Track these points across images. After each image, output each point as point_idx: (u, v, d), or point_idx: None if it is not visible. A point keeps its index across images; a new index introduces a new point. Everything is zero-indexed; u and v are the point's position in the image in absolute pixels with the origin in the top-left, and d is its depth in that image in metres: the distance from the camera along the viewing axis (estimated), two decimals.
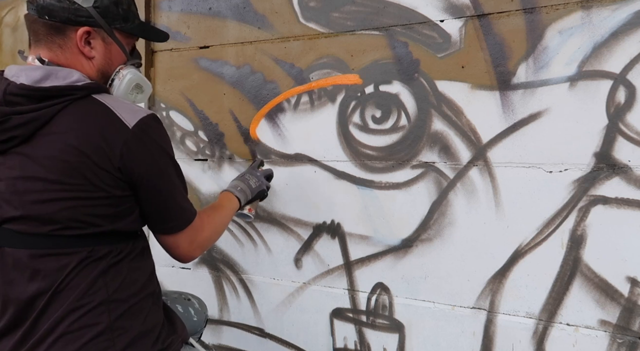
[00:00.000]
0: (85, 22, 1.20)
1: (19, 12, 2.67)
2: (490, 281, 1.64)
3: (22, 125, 1.11)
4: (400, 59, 1.73)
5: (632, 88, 1.44)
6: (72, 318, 1.12)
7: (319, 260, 1.92)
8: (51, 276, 1.13)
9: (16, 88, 1.13)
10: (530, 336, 1.60)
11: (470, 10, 1.62)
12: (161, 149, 1.20)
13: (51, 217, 1.12)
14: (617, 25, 1.44)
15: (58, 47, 1.20)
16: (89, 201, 1.13)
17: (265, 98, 1.98)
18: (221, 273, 2.14)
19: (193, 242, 1.31)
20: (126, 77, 1.29)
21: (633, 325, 1.47)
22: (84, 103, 1.15)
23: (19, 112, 1.11)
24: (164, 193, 1.23)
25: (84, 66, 1.23)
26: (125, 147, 1.13)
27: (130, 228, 1.22)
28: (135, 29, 1.30)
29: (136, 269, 1.22)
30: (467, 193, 1.66)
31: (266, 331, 2.06)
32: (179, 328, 1.33)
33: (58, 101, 1.13)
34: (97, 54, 1.24)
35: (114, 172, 1.14)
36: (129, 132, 1.14)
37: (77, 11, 1.19)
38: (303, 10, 1.89)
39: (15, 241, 1.14)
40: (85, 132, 1.12)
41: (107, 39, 1.25)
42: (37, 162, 1.12)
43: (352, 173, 1.83)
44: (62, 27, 1.19)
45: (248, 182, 1.68)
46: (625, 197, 1.46)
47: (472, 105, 1.64)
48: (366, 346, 1.86)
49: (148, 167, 1.18)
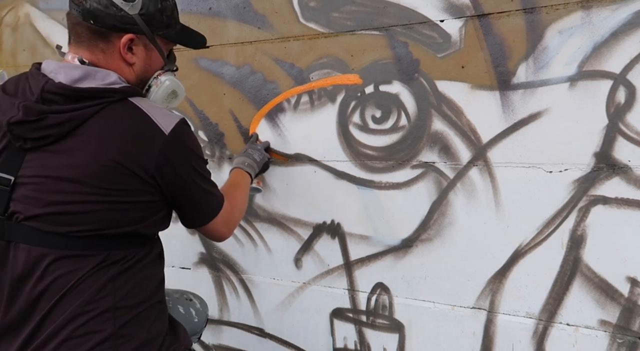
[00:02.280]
0: (130, 29, 1.20)
1: (19, 12, 2.67)
2: (490, 281, 1.64)
3: (57, 125, 1.11)
4: (400, 59, 1.73)
5: (632, 89, 1.44)
6: (77, 322, 1.12)
7: (319, 260, 1.93)
8: (62, 278, 1.13)
9: (54, 87, 1.13)
10: (530, 336, 1.60)
11: (470, 10, 1.62)
12: (194, 153, 1.23)
13: (75, 218, 1.12)
14: (617, 25, 1.44)
15: (100, 51, 1.21)
16: (116, 205, 1.13)
17: (265, 98, 1.98)
18: (221, 273, 2.14)
19: (228, 223, 1.38)
20: (164, 84, 1.30)
21: (633, 325, 1.47)
22: (119, 107, 1.15)
23: (55, 111, 1.11)
24: (198, 192, 1.26)
25: (123, 71, 1.23)
26: (160, 154, 1.14)
27: (150, 231, 1.22)
28: (176, 35, 1.32)
29: (147, 277, 1.22)
30: (467, 193, 1.66)
31: (266, 331, 2.06)
32: (182, 335, 1.32)
33: (95, 103, 1.13)
34: (137, 60, 1.25)
35: (147, 178, 1.14)
36: (164, 138, 1.14)
37: (123, 18, 1.19)
38: (303, 10, 1.89)
39: (33, 238, 1.13)
40: (120, 137, 1.12)
41: (148, 46, 1.26)
42: (68, 163, 1.11)
43: (352, 173, 1.83)
44: (107, 32, 1.19)
45: (253, 156, 1.73)
46: (625, 197, 1.46)
47: (472, 105, 1.64)
48: (366, 346, 1.86)
49: (183, 173, 1.19)
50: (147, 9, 1.22)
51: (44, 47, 2.58)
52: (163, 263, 1.32)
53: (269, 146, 1.90)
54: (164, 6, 1.25)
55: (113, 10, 1.18)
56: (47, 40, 2.57)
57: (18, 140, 1.13)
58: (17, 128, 1.11)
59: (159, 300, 1.26)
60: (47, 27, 2.56)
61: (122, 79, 1.21)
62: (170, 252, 1.95)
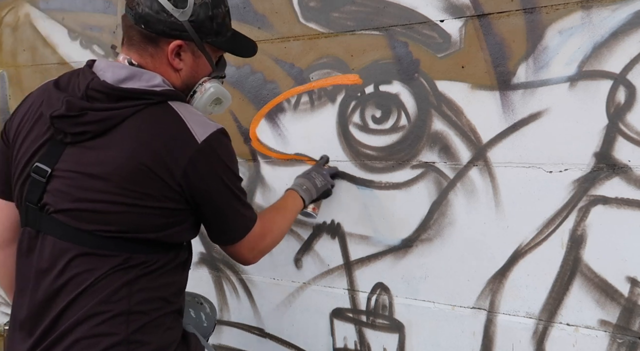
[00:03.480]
0: (179, 35, 1.21)
1: (19, 12, 2.67)
2: (490, 281, 1.64)
3: (95, 122, 1.12)
4: (400, 59, 1.73)
5: (632, 89, 1.44)
6: (91, 323, 1.12)
7: (319, 260, 1.92)
8: (81, 275, 1.13)
9: (99, 84, 1.15)
10: (530, 336, 1.60)
11: (470, 10, 1.62)
12: (225, 166, 1.20)
13: (100, 217, 1.12)
14: (617, 25, 1.44)
15: (149, 55, 1.22)
16: (141, 209, 1.13)
17: (265, 98, 1.98)
18: (221, 273, 2.14)
19: (253, 249, 1.33)
20: (208, 91, 1.30)
21: (633, 325, 1.47)
22: (157, 110, 1.16)
23: (95, 108, 1.13)
24: (225, 208, 1.23)
25: (170, 76, 1.24)
26: (190, 163, 1.13)
27: (174, 239, 1.21)
28: (225, 43, 1.31)
29: (166, 284, 1.21)
30: (467, 193, 1.66)
31: (266, 331, 2.06)
32: (192, 345, 1.31)
33: (134, 103, 1.14)
34: (184, 67, 1.25)
35: (174, 185, 1.14)
36: (196, 146, 1.14)
37: (173, 24, 1.19)
38: (303, 10, 1.89)
39: (60, 232, 1.14)
40: (152, 141, 1.12)
41: (196, 53, 1.26)
42: (99, 160, 1.12)
43: (352, 173, 1.83)
44: (156, 38, 1.20)
45: (314, 181, 1.66)
46: (625, 197, 1.46)
47: (472, 105, 1.64)
48: (366, 346, 1.86)
49: (211, 184, 1.18)
50: (198, 16, 1.21)
51: (44, 47, 2.58)
52: (187, 271, 1.30)
53: (337, 172, 1.80)
54: (214, 14, 1.24)
55: (163, 16, 1.18)
56: (47, 40, 2.57)
57: (59, 133, 1.15)
58: (59, 122, 1.13)
59: (175, 308, 1.25)
60: (47, 27, 2.57)
61: (167, 82, 1.22)
62: None
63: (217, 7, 1.25)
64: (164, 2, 1.18)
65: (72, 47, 2.49)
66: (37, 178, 1.16)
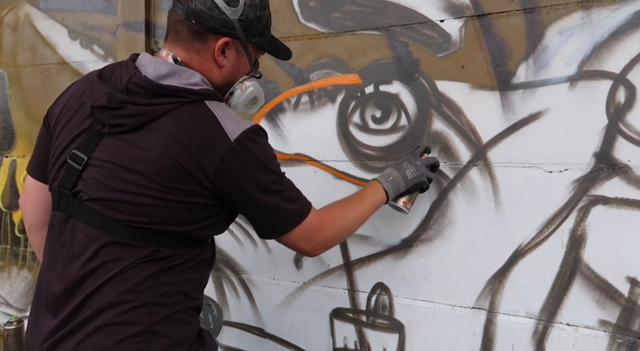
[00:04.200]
0: (228, 33, 1.24)
1: (19, 12, 2.67)
2: (490, 281, 1.64)
3: (133, 116, 1.15)
4: (400, 59, 1.73)
5: (632, 89, 1.44)
6: (115, 311, 1.13)
7: (319, 260, 1.92)
8: (109, 264, 1.15)
9: (140, 79, 1.17)
10: (530, 336, 1.60)
11: (470, 10, 1.62)
12: (259, 162, 1.20)
13: (132, 208, 1.14)
14: (617, 25, 1.44)
15: (195, 51, 1.25)
16: (172, 203, 1.15)
17: (265, 98, 1.98)
18: (221, 273, 2.14)
19: (311, 241, 1.32)
20: (248, 89, 1.33)
21: (633, 325, 1.47)
22: (193, 108, 1.18)
23: (135, 102, 1.15)
24: (262, 204, 1.22)
25: (212, 73, 1.27)
26: (222, 161, 1.15)
27: (201, 234, 1.23)
28: (267, 44, 1.35)
29: (189, 280, 1.23)
30: (467, 193, 1.66)
31: (266, 331, 2.06)
32: (208, 341, 1.32)
33: (172, 100, 1.16)
34: (227, 64, 1.28)
35: (206, 182, 1.15)
36: (229, 144, 1.15)
37: (224, 22, 1.23)
38: (303, 10, 1.89)
39: (91, 219, 1.16)
40: (186, 138, 1.14)
41: (240, 51, 1.29)
42: (135, 154, 1.14)
43: (352, 173, 1.83)
44: (205, 34, 1.24)
45: (404, 171, 1.53)
46: (625, 197, 1.46)
47: (472, 105, 1.64)
48: (366, 346, 1.86)
49: (244, 182, 1.18)
50: (247, 15, 1.25)
51: (44, 47, 2.58)
52: (210, 269, 1.32)
53: (437, 163, 1.62)
54: (261, 15, 1.29)
55: (216, 12, 1.22)
56: (47, 40, 2.57)
57: (98, 123, 1.17)
58: (99, 112, 1.16)
59: (195, 304, 1.26)
60: (47, 27, 2.56)
61: (206, 81, 1.24)
62: None
63: (264, 9, 1.30)
64: None
65: (72, 47, 2.48)
66: (73, 165, 1.19)
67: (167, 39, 1.28)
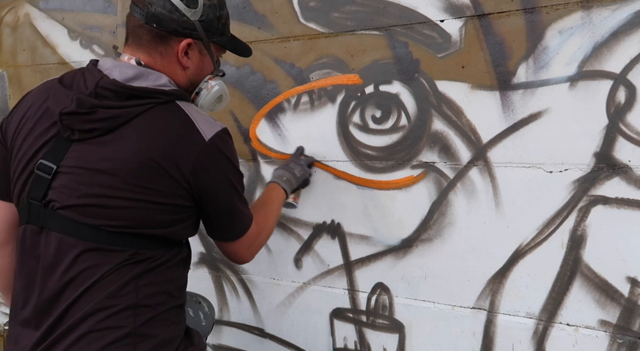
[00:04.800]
0: (189, 34, 1.25)
1: (19, 12, 2.67)
2: (490, 281, 1.64)
3: (105, 119, 1.14)
4: (400, 59, 1.73)
5: (632, 89, 1.44)
6: (98, 317, 1.13)
7: (319, 260, 1.92)
8: (89, 270, 1.14)
9: (108, 83, 1.16)
10: (530, 336, 1.60)
11: (470, 10, 1.62)
12: (231, 164, 1.23)
13: (108, 212, 1.14)
14: (618, 25, 1.44)
15: (159, 54, 1.25)
16: (148, 204, 1.15)
17: (265, 98, 1.98)
18: (221, 273, 2.14)
19: (250, 246, 1.37)
20: (214, 88, 1.35)
21: (633, 325, 1.47)
22: (166, 109, 1.18)
23: (106, 106, 1.15)
24: (229, 206, 1.26)
25: (177, 74, 1.28)
26: (198, 160, 1.16)
27: (179, 236, 1.23)
28: (228, 42, 1.37)
29: (170, 279, 1.23)
30: (467, 193, 1.66)
31: (266, 331, 2.06)
32: (196, 339, 1.33)
33: (143, 102, 1.16)
34: (191, 65, 1.29)
35: (182, 182, 1.16)
36: (204, 143, 1.16)
37: (185, 23, 1.24)
38: (303, 10, 1.89)
39: (66, 228, 1.15)
40: (161, 138, 1.15)
41: (203, 51, 1.30)
42: (108, 156, 1.14)
43: (352, 173, 1.83)
44: (167, 36, 1.24)
45: (293, 171, 1.71)
46: (625, 197, 1.46)
47: (472, 105, 1.64)
48: (366, 346, 1.86)
49: (217, 182, 1.20)
50: (207, 16, 1.26)
51: (43, 47, 2.58)
52: (188, 268, 1.32)
53: (314, 162, 1.86)
54: (221, 14, 1.30)
55: (176, 15, 1.22)
56: (46, 40, 2.57)
57: (67, 130, 1.15)
58: (68, 118, 1.14)
59: (179, 303, 1.26)
60: (47, 27, 2.56)
61: (172, 82, 1.25)
62: None
63: (222, 9, 1.32)
64: (176, 2, 1.22)
65: (72, 47, 2.48)
66: (41, 175, 1.16)
67: (127, 43, 1.27)
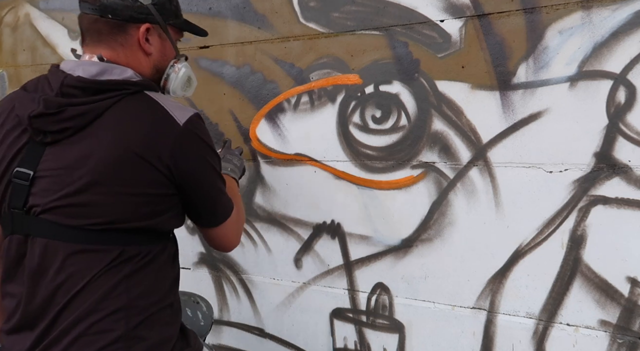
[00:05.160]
0: (145, 19, 1.25)
1: (19, 12, 2.66)
2: (490, 281, 1.64)
3: (76, 117, 1.13)
4: (400, 59, 1.73)
5: (632, 89, 1.44)
6: (90, 320, 1.12)
7: (319, 260, 1.92)
8: (78, 274, 1.13)
9: (73, 80, 1.16)
10: (530, 336, 1.60)
11: (470, 10, 1.62)
12: (209, 147, 1.23)
13: (89, 210, 1.12)
14: (618, 25, 1.44)
15: (119, 45, 1.24)
16: (131, 197, 1.14)
17: (265, 98, 1.98)
18: (221, 273, 2.14)
19: (235, 230, 1.37)
20: (181, 71, 1.35)
21: (633, 325, 1.47)
22: (136, 99, 1.18)
23: (74, 103, 1.14)
24: (213, 188, 1.25)
25: (141, 63, 1.27)
26: (176, 144, 1.15)
27: (165, 226, 1.22)
28: (184, 24, 1.38)
29: (161, 278, 1.22)
30: (467, 193, 1.66)
31: (266, 331, 2.06)
32: (192, 340, 1.32)
33: (112, 94, 1.15)
34: (154, 50, 1.29)
35: (163, 168, 1.15)
36: (179, 129, 1.16)
37: (139, 8, 1.24)
38: (303, 10, 1.89)
39: (50, 232, 1.14)
40: (136, 127, 1.14)
41: (162, 35, 1.31)
42: (84, 153, 1.13)
43: (352, 173, 1.83)
44: (125, 25, 1.24)
45: (232, 162, 1.71)
46: (625, 197, 1.46)
47: (472, 105, 1.64)
48: (366, 346, 1.86)
49: (197, 165, 1.20)
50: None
51: (43, 47, 2.58)
52: (178, 265, 1.31)
53: (242, 151, 1.88)
54: None
55: (129, 2, 1.23)
56: (46, 40, 2.57)
57: (38, 134, 1.14)
58: (38, 121, 1.13)
59: (171, 302, 1.25)
60: (47, 27, 2.56)
61: (138, 75, 1.24)
62: None
63: None
64: None
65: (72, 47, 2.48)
66: (19, 182, 1.15)
67: (85, 43, 1.27)
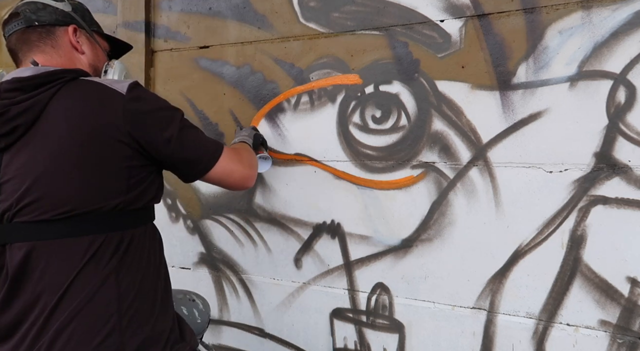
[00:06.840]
0: (71, 21, 1.32)
1: None
2: (490, 281, 1.64)
3: (22, 114, 1.14)
4: (400, 59, 1.73)
5: (632, 89, 1.44)
6: (81, 319, 1.12)
7: (319, 260, 1.92)
8: (63, 271, 1.12)
9: (9, 83, 1.18)
10: (530, 336, 1.60)
11: (470, 10, 1.62)
12: (158, 101, 1.25)
13: (58, 199, 1.12)
14: (618, 25, 1.44)
15: (51, 47, 1.29)
16: (101, 176, 1.14)
17: (265, 98, 1.98)
18: (221, 273, 2.14)
19: (241, 161, 1.38)
20: (118, 66, 1.41)
21: (633, 325, 1.47)
22: (75, 84, 1.19)
23: (16, 102, 1.15)
24: (182, 136, 1.24)
25: (77, 62, 1.32)
26: (127, 112, 1.16)
27: (142, 200, 1.22)
28: (107, 35, 1.45)
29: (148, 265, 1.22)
30: (467, 193, 1.66)
31: (266, 331, 2.06)
32: (188, 335, 1.32)
33: (51, 85, 1.17)
34: (86, 49, 1.34)
35: (124, 137, 1.16)
36: (124, 96, 1.18)
37: (62, 13, 1.31)
38: (303, 10, 1.89)
39: (25, 233, 1.14)
40: (86, 110, 1.15)
41: (90, 39, 1.36)
42: (43, 146, 1.13)
43: (352, 173, 1.83)
44: (52, 28, 1.29)
45: (241, 134, 1.78)
46: (625, 197, 1.46)
47: (472, 105, 1.64)
48: (366, 346, 1.86)
49: (155, 122, 1.21)
50: (77, 7, 1.35)
51: None
52: (162, 252, 1.31)
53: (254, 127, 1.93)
54: (87, 9, 1.39)
55: (51, 8, 1.29)
56: None
57: None
58: None
59: (163, 294, 1.26)
60: None
61: None
62: (170, 252, 1.95)
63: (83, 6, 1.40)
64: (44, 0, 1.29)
65: None
66: None
67: (19, 60, 1.30)
